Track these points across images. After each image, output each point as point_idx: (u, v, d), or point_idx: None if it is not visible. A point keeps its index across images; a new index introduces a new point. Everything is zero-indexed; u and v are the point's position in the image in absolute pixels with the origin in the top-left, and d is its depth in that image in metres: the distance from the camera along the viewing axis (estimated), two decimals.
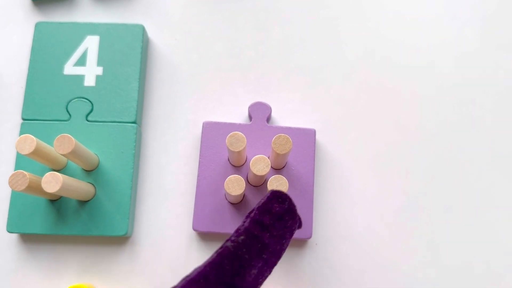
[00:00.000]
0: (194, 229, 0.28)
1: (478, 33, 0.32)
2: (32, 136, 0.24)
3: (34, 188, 0.24)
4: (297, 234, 0.28)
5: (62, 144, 0.24)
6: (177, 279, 0.27)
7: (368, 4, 0.32)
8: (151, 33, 0.31)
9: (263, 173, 0.23)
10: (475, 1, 0.32)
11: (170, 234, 0.28)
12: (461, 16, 0.32)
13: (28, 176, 0.23)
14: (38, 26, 0.30)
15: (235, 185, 0.24)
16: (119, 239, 0.28)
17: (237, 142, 0.24)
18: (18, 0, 0.32)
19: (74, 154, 0.24)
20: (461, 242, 0.28)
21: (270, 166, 0.24)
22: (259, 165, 0.23)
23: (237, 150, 0.24)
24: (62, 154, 0.24)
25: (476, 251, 0.28)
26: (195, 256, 0.28)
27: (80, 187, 0.26)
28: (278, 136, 0.24)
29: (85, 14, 0.32)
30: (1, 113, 0.30)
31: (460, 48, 0.31)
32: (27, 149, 0.24)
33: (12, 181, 0.23)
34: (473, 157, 0.30)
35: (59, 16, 0.32)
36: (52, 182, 0.23)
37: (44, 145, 0.25)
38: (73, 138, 0.24)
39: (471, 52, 0.31)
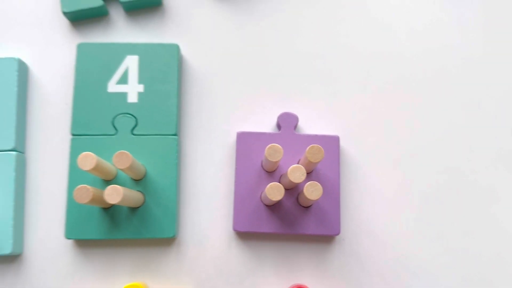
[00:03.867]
0: (235, 230, 0.31)
1: (482, 38, 0.35)
2: (93, 154, 0.26)
3: (96, 200, 0.27)
4: (327, 230, 0.31)
5: (120, 160, 0.26)
6: (220, 275, 0.31)
7: (382, 17, 0.35)
8: (184, 50, 0.34)
9: (300, 181, 0.26)
10: (479, 11, 0.35)
11: (212, 235, 0.31)
12: (468, 23, 0.35)
13: (91, 189, 0.26)
14: (80, 47, 0.33)
15: (275, 192, 0.27)
16: (166, 240, 0.31)
17: (275, 153, 0.27)
18: (58, 22, 0.34)
19: (130, 167, 0.27)
20: (473, 233, 0.32)
21: (305, 174, 0.27)
22: (296, 173, 0.26)
23: (275, 160, 0.27)
24: (120, 169, 0.27)
25: (493, 244, 0.32)
26: (235, 254, 0.31)
27: (133, 196, 0.29)
28: (312, 146, 0.27)
29: (121, 34, 0.34)
30: (49, 128, 0.33)
31: (472, 51, 0.34)
32: (88, 166, 0.26)
33: (77, 194, 0.26)
34: (488, 157, 0.33)
35: (96, 36, 0.34)
36: (114, 194, 0.26)
37: (101, 160, 0.28)
38: (130, 154, 0.27)
39: (479, 55, 0.34)
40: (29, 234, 0.31)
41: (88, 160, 0.26)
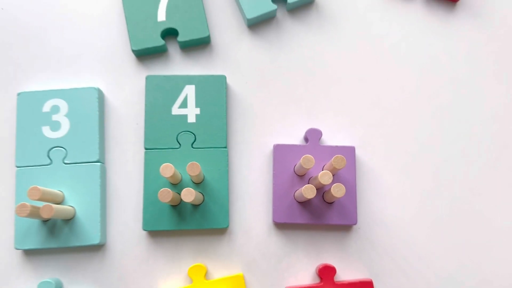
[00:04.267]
0: (274, 221, 0.39)
1: (473, 61, 0.43)
2: (171, 165, 0.35)
3: (173, 200, 0.35)
4: (346, 221, 0.39)
5: (192, 168, 0.35)
6: (262, 257, 0.39)
7: (388, 48, 0.43)
8: (229, 79, 0.42)
9: (328, 183, 0.35)
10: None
11: (256, 225, 0.40)
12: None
13: (171, 192, 0.34)
14: (148, 79, 0.41)
15: (309, 192, 0.35)
16: (221, 230, 0.39)
17: (309, 162, 0.35)
18: (127, 57, 0.42)
19: (197, 174, 0.35)
20: (467, 223, 0.40)
21: (332, 177, 0.35)
22: (325, 177, 0.35)
23: (308, 168, 0.35)
24: (191, 175, 0.35)
25: (482, 232, 0.40)
26: (274, 241, 0.39)
27: (198, 196, 0.37)
28: (336, 156, 0.35)
29: (178, 67, 0.42)
30: (123, 144, 0.41)
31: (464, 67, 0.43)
32: (168, 174, 0.35)
33: (161, 195, 0.34)
34: (481, 161, 0.41)
35: (158, 68, 0.42)
36: (188, 195, 0.34)
37: (175, 169, 0.36)
38: (199, 165, 0.35)
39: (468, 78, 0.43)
40: (112, 228, 0.39)
41: (168, 169, 0.35)
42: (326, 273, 0.38)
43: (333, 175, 0.37)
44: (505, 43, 0.44)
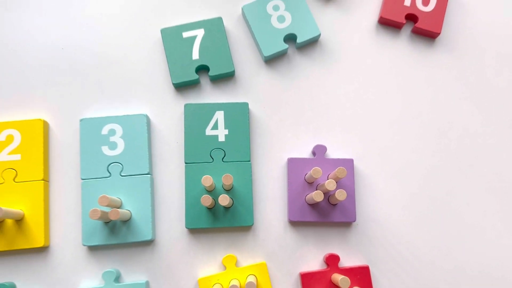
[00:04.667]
0: (289, 220, 0.49)
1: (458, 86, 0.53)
2: (210, 176, 0.44)
3: (211, 203, 0.45)
4: (347, 219, 0.49)
5: (227, 179, 0.44)
6: (280, 249, 0.48)
7: (379, 78, 0.53)
8: (250, 105, 0.52)
9: (333, 189, 0.44)
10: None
11: (274, 223, 0.49)
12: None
13: (210, 198, 0.44)
14: (186, 106, 0.50)
15: (319, 196, 0.44)
16: (247, 227, 0.49)
17: (318, 173, 0.45)
18: (168, 89, 0.52)
19: (231, 183, 0.45)
20: (454, 224, 0.50)
21: (336, 184, 0.44)
22: (331, 184, 0.44)
23: (317, 177, 0.45)
24: (224, 184, 0.45)
25: (467, 227, 0.50)
26: (289, 235, 0.49)
27: (230, 200, 0.46)
28: (339, 168, 0.45)
29: (209, 95, 0.52)
30: (168, 159, 0.50)
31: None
32: (208, 183, 0.44)
33: (202, 200, 0.44)
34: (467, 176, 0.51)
35: (192, 97, 0.52)
36: (224, 200, 0.44)
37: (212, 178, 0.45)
38: (232, 176, 0.44)
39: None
40: (160, 226, 0.49)
41: (208, 180, 0.44)
42: (331, 260, 0.48)
43: (336, 182, 0.47)
44: (473, 72, 0.53)
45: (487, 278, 0.49)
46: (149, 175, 0.49)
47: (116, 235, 0.48)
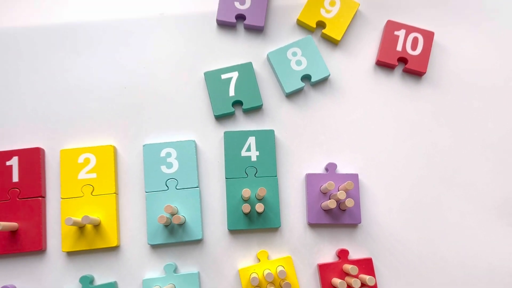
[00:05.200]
0: (308, 222, 0.62)
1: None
2: (249, 190, 0.57)
3: (249, 211, 0.58)
4: (354, 221, 0.62)
5: (262, 192, 0.57)
6: (302, 245, 0.61)
7: (376, 106, 0.66)
8: (276, 132, 0.65)
9: (343, 198, 0.57)
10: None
11: (297, 225, 0.62)
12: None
13: (249, 206, 0.57)
14: (226, 134, 0.64)
15: (332, 204, 0.58)
16: (275, 228, 0.62)
17: (331, 185, 0.58)
18: (209, 119, 0.65)
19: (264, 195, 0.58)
20: (442, 222, 0.63)
21: (345, 194, 0.57)
22: (342, 195, 0.57)
23: (331, 189, 0.58)
24: (258, 194, 0.58)
25: (454, 224, 0.63)
26: (309, 235, 0.62)
27: (263, 207, 0.59)
28: (348, 182, 0.58)
29: (242, 124, 0.65)
30: (211, 175, 0.63)
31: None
32: (247, 195, 0.57)
33: (243, 208, 0.57)
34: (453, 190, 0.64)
35: (230, 125, 0.65)
36: (260, 208, 0.57)
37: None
38: (265, 189, 0.57)
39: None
40: (207, 228, 0.62)
41: (247, 192, 0.57)
42: (342, 254, 0.61)
43: (345, 192, 0.60)
44: (452, 103, 0.67)
45: (464, 265, 0.62)
46: (198, 188, 0.62)
47: (173, 236, 0.61)
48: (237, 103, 0.65)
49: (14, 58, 0.66)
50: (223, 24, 0.68)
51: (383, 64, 0.68)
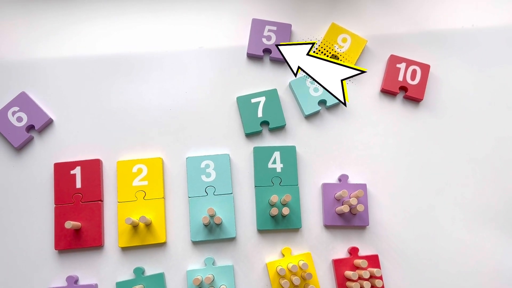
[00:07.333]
0: (324, 224, 0.73)
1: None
2: (277, 196, 0.69)
3: (276, 214, 0.69)
4: (363, 223, 0.73)
5: (286, 197, 0.69)
6: (319, 243, 0.73)
7: (379, 129, 0.79)
8: (297, 147, 0.77)
9: (355, 203, 0.69)
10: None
11: (314, 227, 0.74)
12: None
13: (277, 210, 0.69)
14: (255, 149, 0.75)
15: (346, 208, 0.69)
16: (297, 229, 0.73)
17: (345, 193, 0.70)
18: (241, 136, 0.77)
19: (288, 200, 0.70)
20: (438, 227, 0.75)
21: (356, 200, 0.69)
22: (354, 201, 0.69)
23: (344, 196, 0.70)
24: (284, 199, 0.69)
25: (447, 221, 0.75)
26: (325, 234, 0.74)
27: (289, 211, 0.71)
28: (359, 190, 0.70)
29: (269, 140, 0.77)
30: (243, 183, 0.75)
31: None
32: (275, 200, 0.69)
33: (271, 212, 0.69)
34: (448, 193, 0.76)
35: (258, 142, 0.77)
36: (286, 211, 0.69)
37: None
38: (291, 196, 0.69)
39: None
40: (239, 228, 0.73)
41: (275, 198, 0.69)
42: (353, 251, 0.73)
43: (356, 199, 0.72)
44: (445, 126, 0.79)
45: (454, 261, 0.73)
46: (231, 194, 0.74)
47: (212, 234, 0.72)
48: (264, 123, 0.77)
49: (78, 83, 0.79)
50: (252, 56, 0.81)
51: (386, 92, 0.80)
